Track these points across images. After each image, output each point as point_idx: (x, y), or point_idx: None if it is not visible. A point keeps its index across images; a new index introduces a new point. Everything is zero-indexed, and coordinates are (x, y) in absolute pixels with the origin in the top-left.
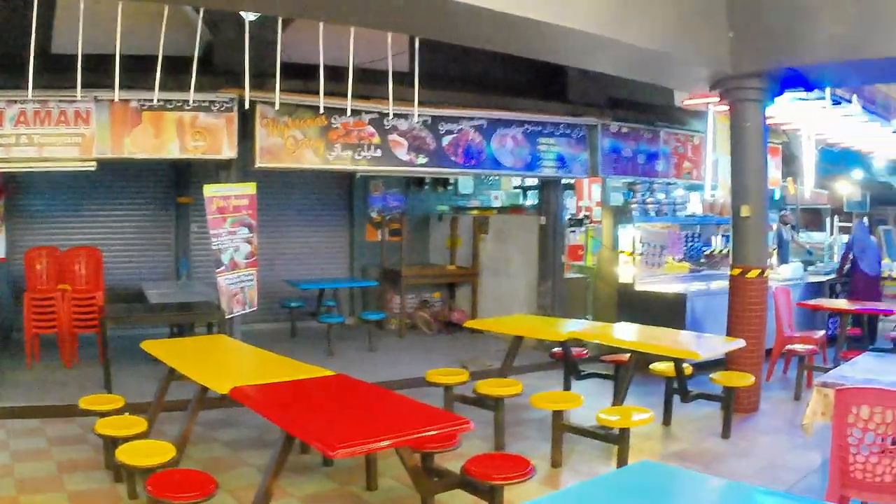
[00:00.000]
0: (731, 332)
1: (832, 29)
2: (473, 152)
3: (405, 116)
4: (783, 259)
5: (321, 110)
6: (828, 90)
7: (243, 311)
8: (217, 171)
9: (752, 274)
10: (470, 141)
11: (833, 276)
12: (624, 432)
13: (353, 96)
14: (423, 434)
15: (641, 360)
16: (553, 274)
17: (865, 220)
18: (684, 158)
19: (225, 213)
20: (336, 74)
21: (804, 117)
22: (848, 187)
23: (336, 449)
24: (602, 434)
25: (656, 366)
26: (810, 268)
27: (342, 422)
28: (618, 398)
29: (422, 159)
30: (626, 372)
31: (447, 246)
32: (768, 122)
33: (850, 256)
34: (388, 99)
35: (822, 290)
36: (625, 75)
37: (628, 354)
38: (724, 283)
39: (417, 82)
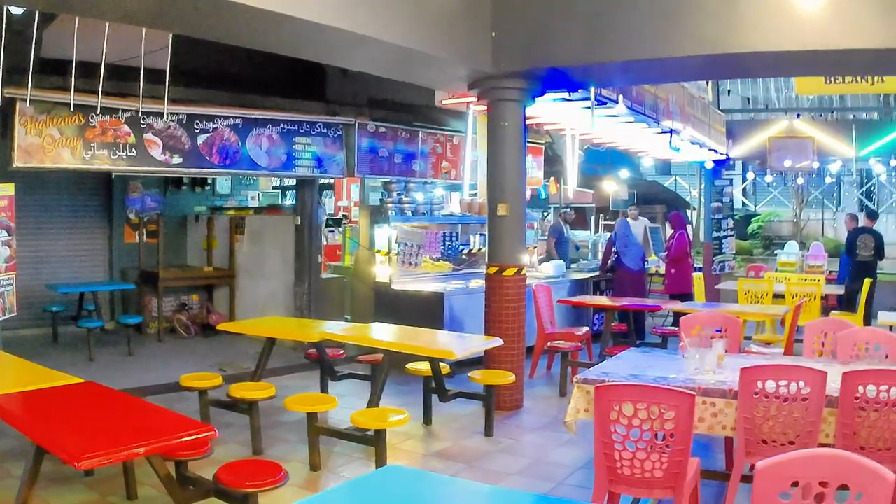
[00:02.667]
0: (488, 331)
1: (590, 30)
2: (229, 152)
3: (161, 115)
4: (562, 256)
5: (72, 108)
6: (592, 91)
7: (3, 317)
8: None
9: (509, 272)
10: (225, 140)
11: (597, 273)
12: (380, 433)
13: (110, 94)
14: (168, 443)
15: (399, 361)
16: (309, 275)
17: (630, 216)
18: (443, 158)
19: None
20: (95, 71)
21: (568, 117)
22: (614, 186)
23: (81, 459)
24: (359, 436)
25: (413, 366)
26: (573, 265)
27: (88, 431)
28: (373, 399)
29: (177, 159)
30: (380, 372)
31: (204, 247)
32: (532, 122)
33: (613, 252)
34: (145, 97)
35: (587, 287)
36: (382, 74)
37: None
38: (483, 282)
39: (168, 79)
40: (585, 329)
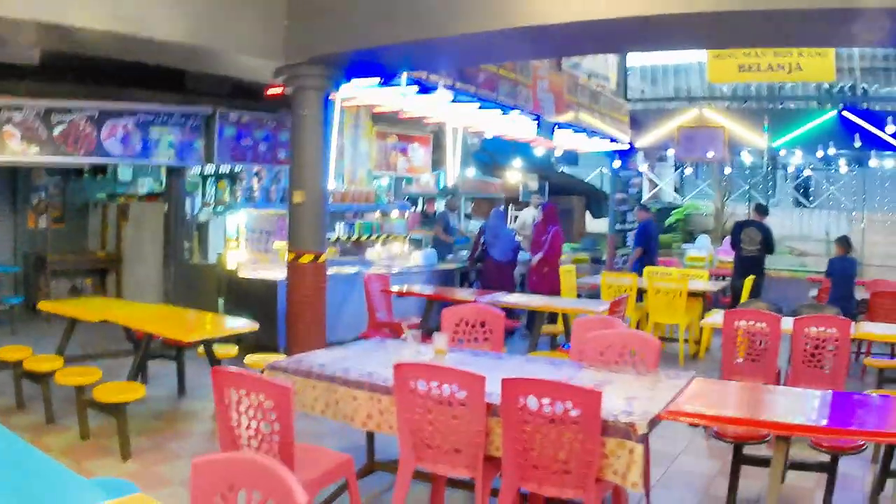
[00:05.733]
0: (288, 317)
1: (383, 13)
2: (85, 142)
3: (20, 108)
4: (449, 245)
5: None
6: (405, 75)
7: None
8: None
9: (306, 259)
10: (81, 131)
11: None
12: (119, 406)
13: None
14: None
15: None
16: (174, 261)
17: (532, 203)
18: None
19: None
20: None
21: (441, 110)
22: (518, 176)
23: None
24: (110, 407)
25: (201, 349)
26: (450, 255)
27: None
28: (131, 374)
29: (34, 149)
30: (139, 351)
31: (100, 232)
32: (410, 114)
33: (482, 243)
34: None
35: (453, 278)
36: (180, 67)
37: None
38: (335, 269)
39: (31, 74)
40: (417, 319)
